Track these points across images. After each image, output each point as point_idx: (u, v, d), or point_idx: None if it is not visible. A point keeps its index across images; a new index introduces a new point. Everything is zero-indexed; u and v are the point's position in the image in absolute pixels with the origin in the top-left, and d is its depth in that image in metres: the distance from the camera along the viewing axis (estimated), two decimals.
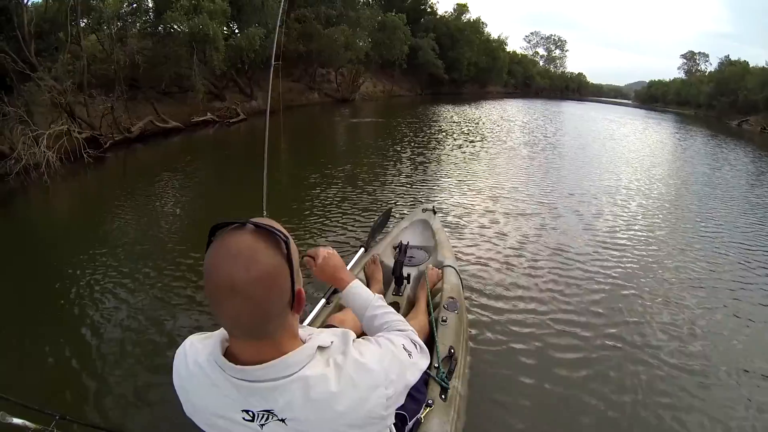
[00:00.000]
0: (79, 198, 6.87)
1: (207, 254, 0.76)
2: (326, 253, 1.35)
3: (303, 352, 0.82)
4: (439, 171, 8.54)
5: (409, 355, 0.99)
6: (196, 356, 0.87)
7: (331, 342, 0.88)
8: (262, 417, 0.82)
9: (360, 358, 0.86)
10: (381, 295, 1.31)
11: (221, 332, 0.86)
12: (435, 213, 3.65)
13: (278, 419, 0.81)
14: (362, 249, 2.98)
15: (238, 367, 0.79)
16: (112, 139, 9.22)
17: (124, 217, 5.48)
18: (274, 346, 0.80)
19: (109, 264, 4.09)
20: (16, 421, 1.34)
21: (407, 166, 8.71)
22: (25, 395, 1.60)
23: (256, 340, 0.79)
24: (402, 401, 0.95)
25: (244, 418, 0.82)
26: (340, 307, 2.25)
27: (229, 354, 0.82)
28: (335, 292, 2.38)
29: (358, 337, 0.97)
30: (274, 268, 0.75)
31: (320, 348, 0.85)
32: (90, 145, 8.36)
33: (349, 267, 2.56)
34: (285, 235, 0.78)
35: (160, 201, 6.26)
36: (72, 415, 1.57)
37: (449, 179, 7.88)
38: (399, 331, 1.11)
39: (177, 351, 0.93)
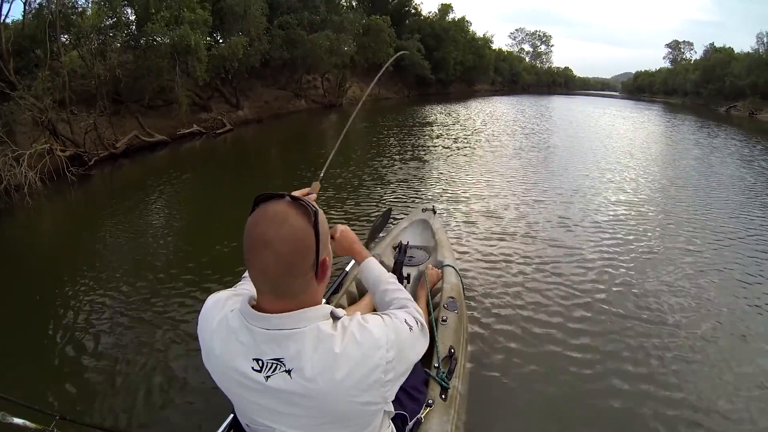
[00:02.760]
0: (63, 217, 6.72)
1: (249, 218, 0.89)
2: (343, 228, 1.44)
3: (320, 310, 0.92)
4: (439, 171, 8.51)
5: (410, 329, 1.05)
6: (223, 308, 0.99)
7: (343, 314, 0.96)
8: (270, 367, 0.90)
9: (364, 323, 0.95)
10: (391, 278, 1.36)
11: (250, 292, 0.98)
12: (435, 213, 3.65)
13: (285, 370, 0.89)
14: None
15: (260, 314, 0.90)
16: (97, 156, 9.07)
17: (109, 233, 5.39)
18: (296, 302, 0.90)
19: (100, 277, 4.15)
20: (16, 421, 1.36)
21: (406, 167, 8.68)
22: (25, 395, 1.66)
23: (280, 298, 0.90)
24: (403, 378, 1.01)
25: (252, 368, 0.91)
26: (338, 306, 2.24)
27: (254, 309, 0.92)
28: (335, 291, 2.45)
29: None
30: (301, 230, 0.86)
31: (333, 315, 0.95)
32: (75, 162, 8.24)
33: (348, 267, 2.69)
34: (315, 208, 0.91)
35: (146, 216, 6.14)
36: (72, 415, 1.58)
37: (449, 179, 7.85)
38: (404, 308, 1.18)
39: (204, 303, 1.05)
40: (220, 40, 15.06)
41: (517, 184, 7.59)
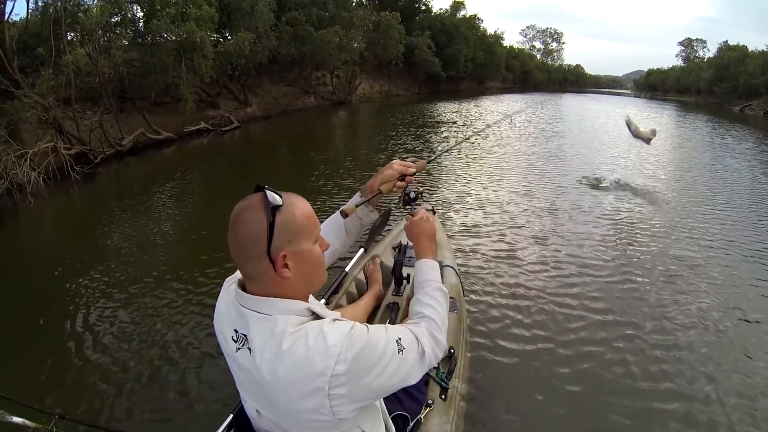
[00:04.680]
0: (65, 216, 6.66)
1: None
2: (425, 215, 1.37)
3: (292, 304, 0.95)
4: (441, 171, 8.35)
5: (399, 350, 0.99)
6: (235, 275, 1.07)
7: (334, 320, 0.96)
8: (241, 340, 0.96)
9: (325, 328, 0.92)
10: (439, 285, 1.25)
11: None
12: (434, 213, 3.52)
13: (248, 347, 0.95)
14: (362, 249, 2.90)
15: (240, 291, 0.98)
16: (103, 154, 9.03)
17: (113, 233, 5.35)
18: (261, 288, 0.95)
19: (101, 277, 4.12)
20: (16, 420, 1.37)
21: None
22: (25, 395, 1.69)
23: (246, 279, 0.98)
24: (365, 401, 0.97)
25: (232, 337, 0.98)
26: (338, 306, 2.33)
27: (240, 284, 1.00)
28: (335, 291, 2.44)
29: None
30: (253, 219, 0.91)
31: (315, 315, 0.97)
32: (80, 160, 8.20)
33: (348, 267, 2.66)
34: (277, 206, 0.92)
35: (152, 215, 6.05)
36: (72, 415, 1.58)
37: (450, 179, 7.73)
38: (417, 325, 1.11)
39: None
40: (228, 37, 14.96)
41: (519, 185, 7.47)
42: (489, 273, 4.14)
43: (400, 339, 1.00)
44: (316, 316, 0.97)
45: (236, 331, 0.97)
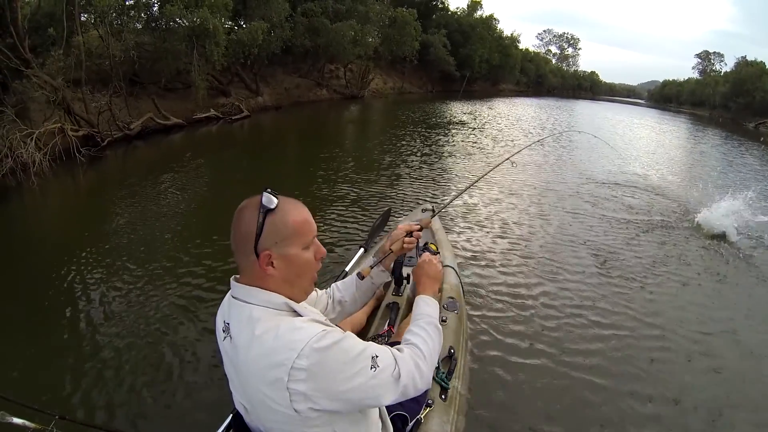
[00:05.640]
0: (68, 198, 6.61)
1: None
2: (429, 258, 1.48)
3: (271, 296, 1.01)
4: (443, 171, 8.32)
5: (372, 367, 0.99)
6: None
7: (312, 320, 1.01)
8: (226, 329, 1.04)
9: (295, 324, 0.97)
10: (433, 321, 1.27)
11: None
12: (434, 213, 3.51)
13: (229, 334, 1.03)
14: (362, 249, 2.93)
15: (234, 281, 1.06)
16: (111, 137, 9.00)
17: (116, 218, 5.29)
18: (247, 280, 1.03)
19: (102, 267, 4.07)
20: (16, 420, 1.37)
21: (409, 166, 8.46)
22: (25, 395, 1.67)
23: (239, 270, 1.06)
24: (326, 402, 0.95)
25: (222, 328, 1.06)
26: None
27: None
28: None
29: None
30: (247, 219, 1.00)
31: (295, 312, 1.02)
32: (88, 142, 8.18)
33: (348, 267, 2.70)
34: (269, 209, 1.00)
35: (156, 201, 5.99)
36: (72, 415, 1.64)
37: (451, 179, 7.75)
38: (396, 349, 1.11)
39: None
40: (243, 25, 14.88)
41: (519, 185, 7.48)
42: (489, 273, 4.16)
43: (376, 356, 1.01)
44: (296, 314, 1.02)
45: (225, 322, 1.05)
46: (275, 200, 1.00)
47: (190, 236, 4.80)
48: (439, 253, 1.57)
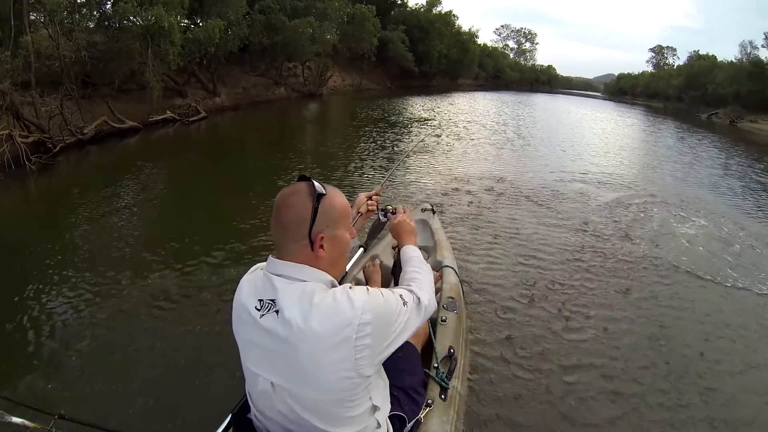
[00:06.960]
0: (15, 210, 6.25)
1: None
2: (402, 217, 1.75)
3: (320, 274, 1.11)
4: (440, 170, 8.40)
5: (404, 303, 1.17)
6: (257, 267, 1.23)
7: (351, 286, 1.11)
8: (266, 306, 1.08)
9: (348, 290, 1.08)
10: (421, 260, 1.51)
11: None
12: (434, 212, 3.68)
13: (275, 310, 1.07)
14: (361, 249, 2.92)
15: (273, 258, 1.12)
16: (63, 142, 8.59)
17: (71, 228, 5.08)
18: (294, 260, 1.10)
19: (58, 275, 3.95)
20: (16, 420, 1.37)
21: (406, 165, 8.50)
22: (24, 395, 1.76)
23: (284, 253, 1.11)
24: (383, 354, 1.11)
25: (255, 307, 1.10)
26: None
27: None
28: (339, 283, 2.52)
29: None
30: (300, 204, 1.09)
31: (334, 284, 1.14)
32: (38, 149, 7.83)
33: (348, 267, 2.66)
34: (322, 192, 1.11)
35: (113, 209, 5.74)
36: (71, 415, 1.59)
37: (450, 179, 7.75)
38: (408, 286, 1.29)
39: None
40: (200, 23, 14.54)
41: (517, 184, 7.61)
42: (489, 272, 4.16)
43: (401, 295, 1.19)
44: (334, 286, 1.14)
45: (260, 301, 1.10)
46: (323, 187, 1.11)
47: (149, 241, 4.74)
48: (396, 212, 1.74)
